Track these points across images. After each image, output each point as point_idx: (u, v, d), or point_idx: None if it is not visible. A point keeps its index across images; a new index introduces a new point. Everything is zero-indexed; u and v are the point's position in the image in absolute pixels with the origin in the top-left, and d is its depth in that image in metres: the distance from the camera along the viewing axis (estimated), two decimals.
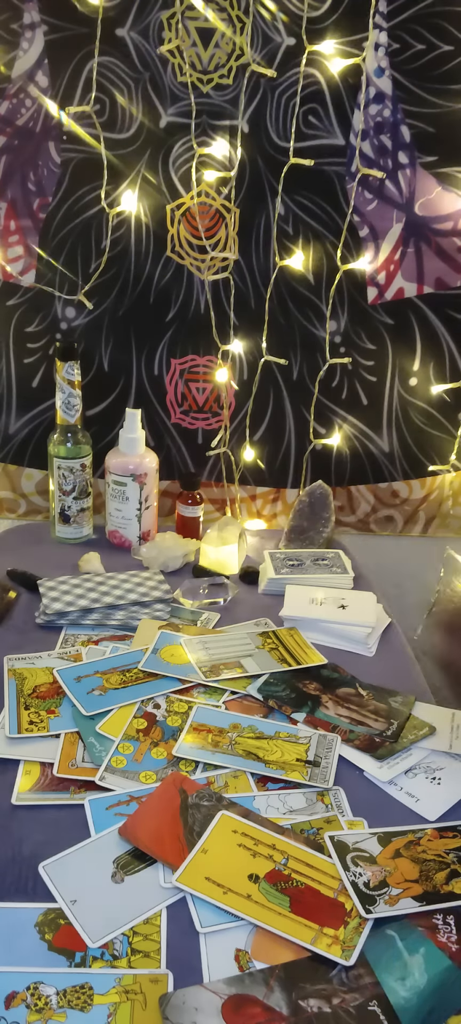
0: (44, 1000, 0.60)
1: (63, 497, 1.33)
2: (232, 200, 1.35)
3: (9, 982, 0.61)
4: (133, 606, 1.13)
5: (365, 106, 1.32)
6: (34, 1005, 0.59)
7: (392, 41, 1.29)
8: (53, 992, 0.60)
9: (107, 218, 1.34)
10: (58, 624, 1.10)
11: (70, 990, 0.61)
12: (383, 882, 0.70)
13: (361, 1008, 0.60)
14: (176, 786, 0.79)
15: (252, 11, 1.27)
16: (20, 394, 1.41)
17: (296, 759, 0.85)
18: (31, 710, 0.90)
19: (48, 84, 1.29)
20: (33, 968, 0.62)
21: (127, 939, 0.65)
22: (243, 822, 0.76)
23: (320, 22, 1.28)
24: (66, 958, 0.63)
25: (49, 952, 0.64)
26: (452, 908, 0.68)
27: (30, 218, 1.34)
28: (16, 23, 1.27)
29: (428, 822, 0.79)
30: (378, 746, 0.88)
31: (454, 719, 0.94)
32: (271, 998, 0.61)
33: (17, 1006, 0.59)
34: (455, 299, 1.41)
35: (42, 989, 0.61)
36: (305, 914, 0.67)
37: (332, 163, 1.34)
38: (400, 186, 1.35)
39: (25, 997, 0.60)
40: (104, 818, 0.77)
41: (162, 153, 1.33)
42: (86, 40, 1.27)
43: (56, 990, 0.61)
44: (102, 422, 1.43)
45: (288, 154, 1.32)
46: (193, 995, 0.60)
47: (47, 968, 0.62)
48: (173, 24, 1.28)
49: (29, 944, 0.64)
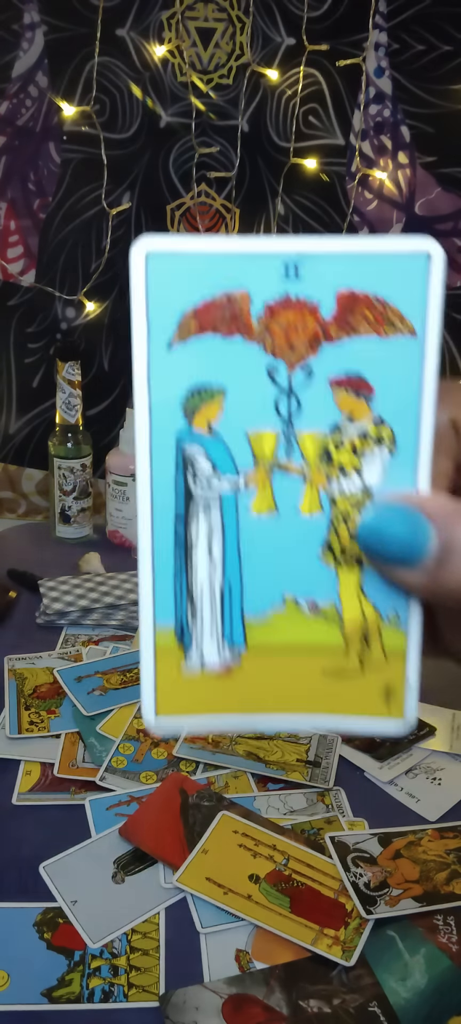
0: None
1: (63, 497, 1.33)
2: (232, 200, 1.36)
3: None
4: (133, 606, 1.13)
5: (365, 106, 1.32)
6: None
7: (392, 41, 1.29)
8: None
9: (107, 218, 1.34)
10: (58, 624, 1.10)
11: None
12: (383, 883, 0.70)
13: (361, 1009, 0.60)
14: (176, 786, 0.79)
15: (252, 11, 1.27)
16: (20, 394, 1.42)
17: (296, 759, 0.85)
18: (31, 710, 0.90)
19: (48, 84, 1.29)
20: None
21: (126, 937, 0.65)
22: (244, 822, 0.76)
23: (320, 22, 1.28)
24: (65, 957, 0.63)
25: (48, 951, 0.64)
26: (453, 909, 0.68)
27: (30, 218, 1.34)
28: (16, 23, 1.27)
29: (428, 823, 0.79)
30: (378, 746, 0.88)
31: (454, 719, 0.94)
32: (271, 998, 0.61)
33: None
34: (455, 299, 1.41)
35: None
36: (305, 915, 0.67)
37: (332, 163, 1.34)
38: (400, 186, 1.35)
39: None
40: (104, 818, 0.77)
41: (162, 153, 1.33)
42: (86, 40, 1.27)
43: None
44: (102, 422, 1.43)
45: (288, 154, 1.33)
46: (193, 994, 0.60)
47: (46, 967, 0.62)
48: (173, 24, 1.28)
49: (28, 943, 0.64)
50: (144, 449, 0.32)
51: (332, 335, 0.31)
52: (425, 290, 0.30)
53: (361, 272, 0.30)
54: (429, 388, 0.31)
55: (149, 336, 0.31)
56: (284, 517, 0.32)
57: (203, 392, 0.31)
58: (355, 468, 0.32)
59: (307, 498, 0.32)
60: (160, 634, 0.33)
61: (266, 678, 0.33)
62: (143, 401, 0.31)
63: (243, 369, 0.31)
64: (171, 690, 0.33)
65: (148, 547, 0.32)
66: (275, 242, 0.30)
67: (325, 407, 0.31)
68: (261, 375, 0.31)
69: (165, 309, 0.31)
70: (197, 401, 0.31)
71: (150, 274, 0.30)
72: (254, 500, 0.32)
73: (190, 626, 0.33)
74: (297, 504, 0.32)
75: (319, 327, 0.31)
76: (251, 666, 0.33)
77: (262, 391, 0.31)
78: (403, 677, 0.33)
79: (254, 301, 0.31)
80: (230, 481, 0.32)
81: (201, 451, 0.32)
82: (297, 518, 0.32)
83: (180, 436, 0.32)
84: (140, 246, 0.30)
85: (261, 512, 0.32)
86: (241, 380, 0.31)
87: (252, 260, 0.30)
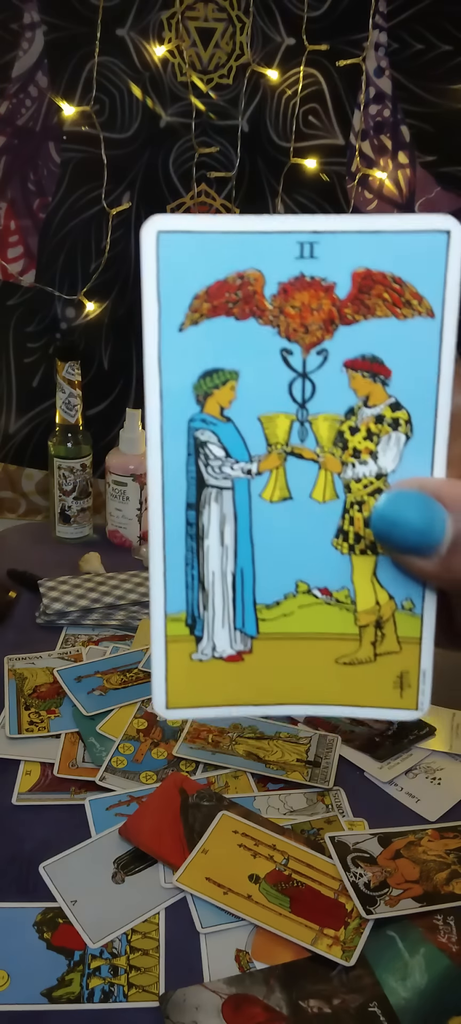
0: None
1: (63, 497, 1.33)
2: (232, 200, 1.35)
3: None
4: (133, 606, 1.13)
5: (365, 106, 1.32)
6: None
7: (392, 41, 1.29)
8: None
9: (107, 218, 1.34)
10: (58, 624, 1.10)
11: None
12: (383, 883, 0.70)
13: (361, 1009, 0.60)
14: (176, 786, 0.79)
15: (252, 11, 1.27)
16: (20, 394, 1.42)
17: (296, 759, 0.85)
18: (31, 710, 0.90)
19: (48, 84, 1.29)
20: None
21: (126, 938, 0.65)
22: (243, 822, 0.76)
23: (320, 22, 1.28)
24: (65, 957, 0.63)
25: (48, 951, 0.64)
26: (453, 909, 0.68)
27: (30, 218, 1.34)
28: (16, 23, 1.27)
29: (428, 823, 0.79)
30: (378, 746, 0.88)
31: (454, 719, 0.94)
32: (271, 998, 0.61)
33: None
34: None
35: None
36: (305, 915, 0.67)
37: (332, 163, 1.34)
38: (400, 186, 1.35)
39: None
40: (104, 818, 0.77)
41: (162, 153, 1.33)
42: (86, 40, 1.27)
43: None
44: (102, 422, 1.43)
45: (288, 154, 1.33)
46: (193, 994, 0.60)
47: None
48: (173, 24, 1.28)
49: (28, 943, 0.64)
50: (155, 435, 0.31)
51: (348, 316, 0.30)
52: (444, 270, 0.30)
53: (378, 251, 0.30)
54: (447, 371, 0.30)
55: (160, 318, 0.30)
56: (297, 503, 0.31)
57: (215, 376, 0.31)
58: (370, 452, 0.31)
59: (321, 484, 0.31)
60: (171, 624, 0.32)
61: (278, 667, 0.33)
62: (154, 385, 0.31)
63: (257, 352, 0.30)
64: (183, 680, 0.33)
65: (159, 535, 0.32)
66: (290, 221, 0.30)
67: (340, 390, 0.31)
68: (275, 358, 0.30)
69: (177, 290, 0.30)
70: (209, 385, 0.31)
71: (161, 254, 0.30)
72: (267, 486, 0.32)
73: (202, 615, 0.32)
74: (310, 490, 0.32)
75: (335, 308, 0.30)
76: (263, 655, 0.33)
77: (276, 374, 0.31)
78: (417, 665, 0.32)
79: (268, 281, 0.30)
80: (243, 467, 0.31)
81: (213, 437, 0.31)
82: (311, 504, 0.31)
83: (192, 421, 0.31)
84: (151, 225, 0.29)
85: (274, 498, 0.32)
86: (254, 363, 0.31)
87: (266, 239, 0.30)
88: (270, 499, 0.32)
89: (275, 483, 0.32)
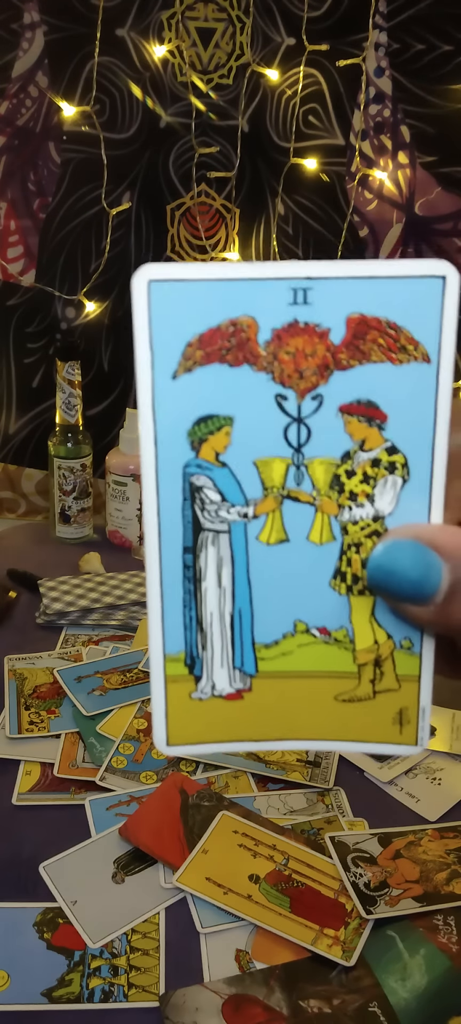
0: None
1: (63, 497, 1.33)
2: (232, 200, 1.36)
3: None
4: (133, 606, 1.13)
5: (365, 106, 1.32)
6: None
7: (392, 41, 1.29)
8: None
9: (107, 218, 1.34)
10: (58, 624, 1.10)
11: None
12: (383, 883, 0.70)
13: (361, 1009, 0.60)
14: (176, 786, 0.79)
15: (252, 11, 1.27)
16: (20, 394, 1.42)
17: (296, 759, 0.85)
18: (31, 710, 0.90)
19: (48, 84, 1.29)
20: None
21: (126, 938, 0.65)
22: (244, 822, 0.75)
23: (320, 22, 1.28)
24: (65, 957, 0.63)
25: (48, 951, 0.64)
26: (453, 909, 0.68)
27: (30, 218, 1.34)
28: (16, 23, 1.27)
29: (428, 823, 0.79)
30: None
31: (454, 719, 0.94)
32: (271, 998, 0.61)
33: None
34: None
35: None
36: (305, 915, 0.67)
37: (332, 163, 1.34)
38: (400, 186, 1.35)
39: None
40: (104, 818, 0.77)
41: (162, 153, 1.33)
42: (86, 40, 1.27)
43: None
44: (102, 422, 1.43)
45: (288, 154, 1.33)
46: (193, 994, 0.60)
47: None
48: (173, 24, 1.28)
49: (28, 943, 0.64)
50: (150, 480, 0.31)
51: (343, 362, 0.30)
52: (439, 315, 0.29)
53: (373, 297, 0.30)
54: (443, 415, 0.30)
55: (153, 366, 0.30)
56: (294, 545, 0.32)
57: (210, 422, 0.31)
58: (367, 496, 0.31)
59: (318, 526, 0.32)
60: (170, 663, 0.33)
61: (278, 705, 0.33)
62: (149, 432, 0.31)
63: (251, 398, 0.30)
64: (182, 718, 0.33)
65: (156, 578, 0.32)
66: (283, 267, 0.29)
67: (336, 435, 0.31)
68: (270, 404, 0.30)
69: (169, 338, 0.30)
70: (204, 431, 0.31)
71: (153, 303, 0.30)
72: (263, 529, 0.32)
73: (200, 655, 0.33)
74: (307, 532, 0.32)
75: (329, 353, 0.30)
76: (263, 692, 0.33)
77: (271, 420, 0.31)
78: (416, 702, 0.32)
79: (261, 328, 0.30)
80: (239, 511, 0.32)
81: (209, 481, 0.31)
82: (308, 546, 0.32)
83: (187, 467, 0.31)
84: (142, 274, 0.29)
85: (271, 541, 0.32)
86: (249, 409, 0.31)
87: (259, 286, 0.30)
88: (267, 541, 0.32)
89: (272, 526, 0.32)
